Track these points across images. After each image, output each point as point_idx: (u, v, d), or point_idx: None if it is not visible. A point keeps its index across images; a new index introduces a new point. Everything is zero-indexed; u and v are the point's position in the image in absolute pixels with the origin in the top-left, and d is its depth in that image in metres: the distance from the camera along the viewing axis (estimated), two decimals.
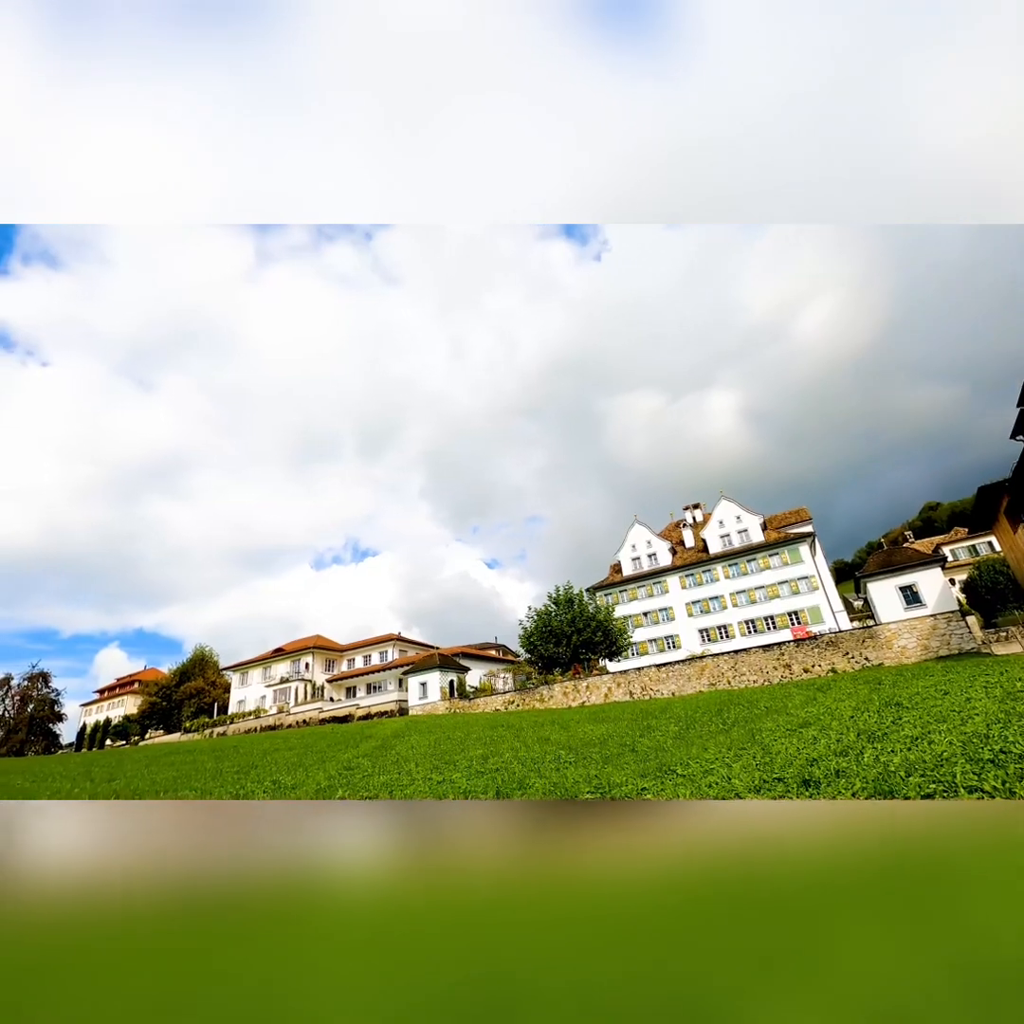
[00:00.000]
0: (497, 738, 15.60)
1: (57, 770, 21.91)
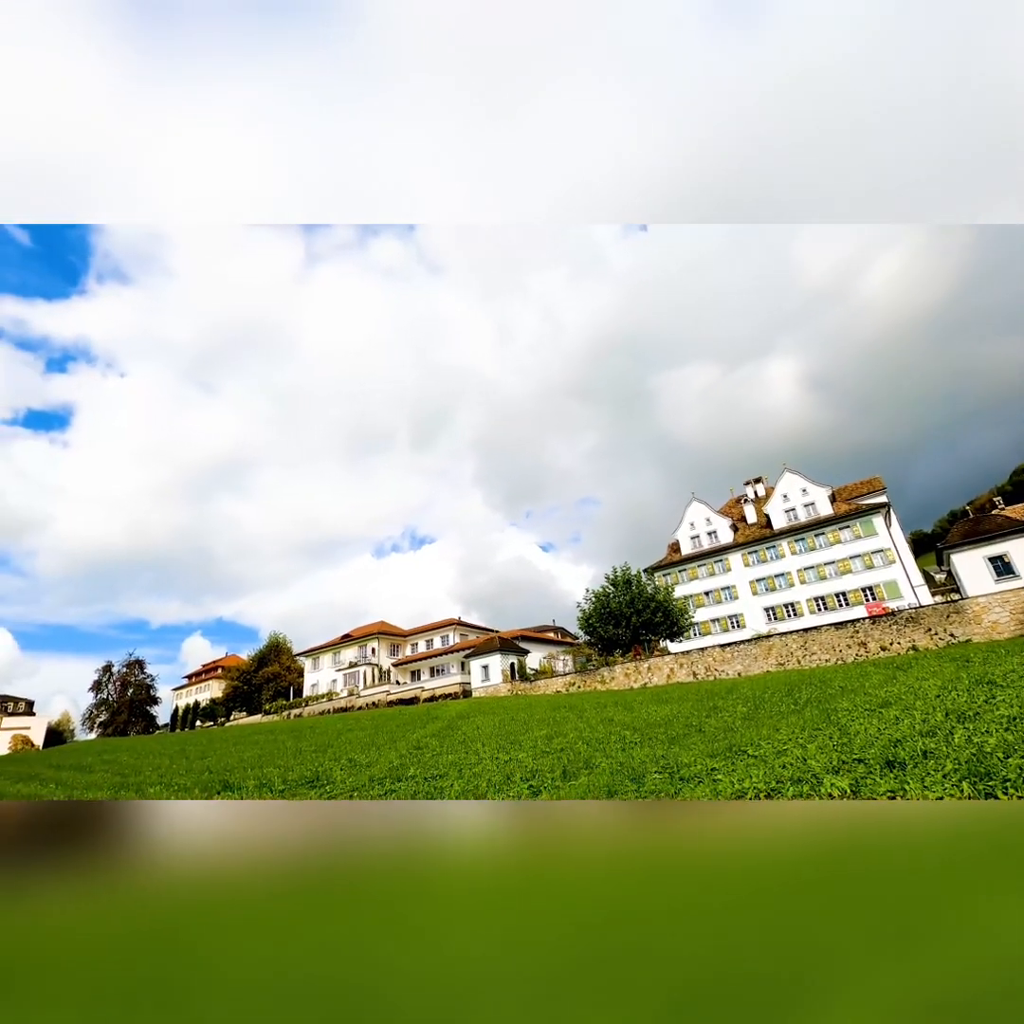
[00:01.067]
0: (560, 719, 15.73)
1: (156, 748, 23.88)
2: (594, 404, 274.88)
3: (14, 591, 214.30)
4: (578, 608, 37.34)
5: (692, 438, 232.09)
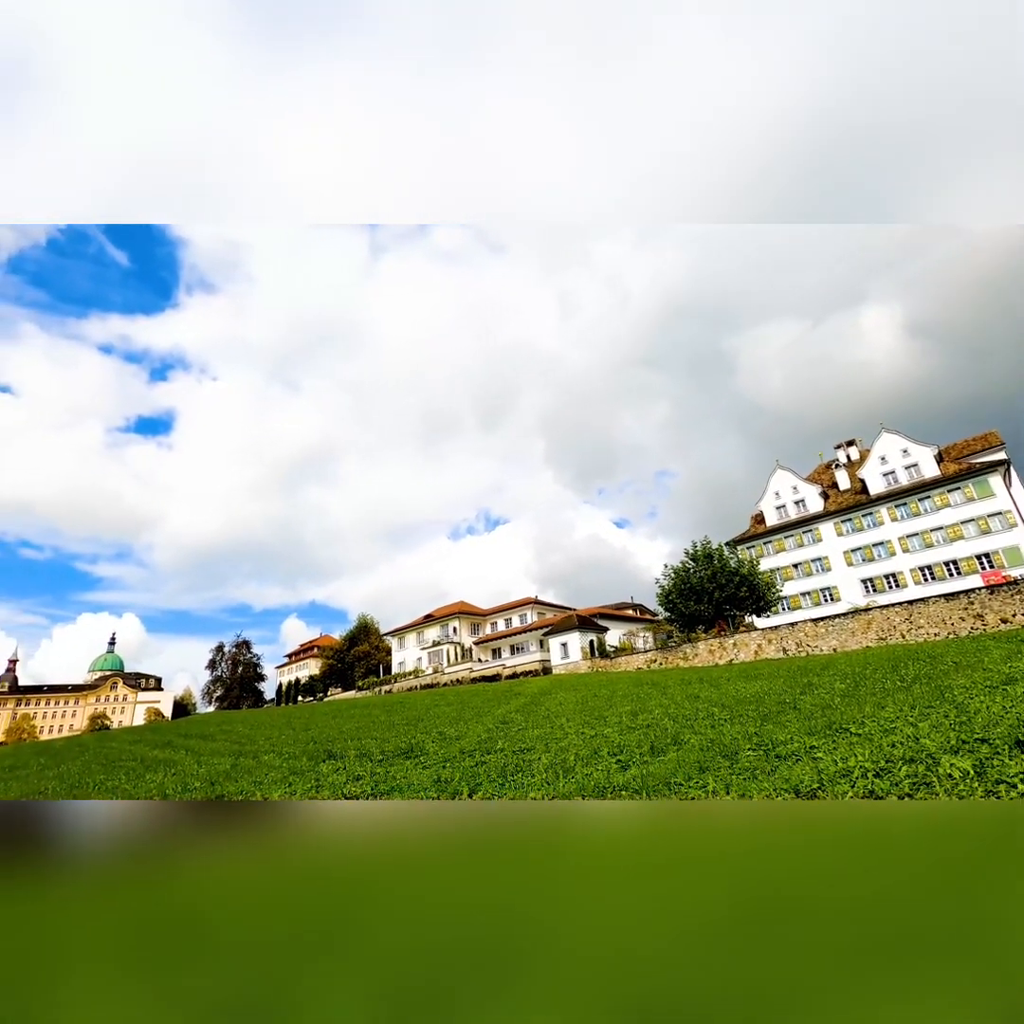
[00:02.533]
0: (644, 695, 15.59)
1: (266, 720, 26.10)
2: (665, 373, 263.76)
3: (138, 581, 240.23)
4: (657, 584, 36.58)
5: (774, 402, 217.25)
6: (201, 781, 10.12)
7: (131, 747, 21.12)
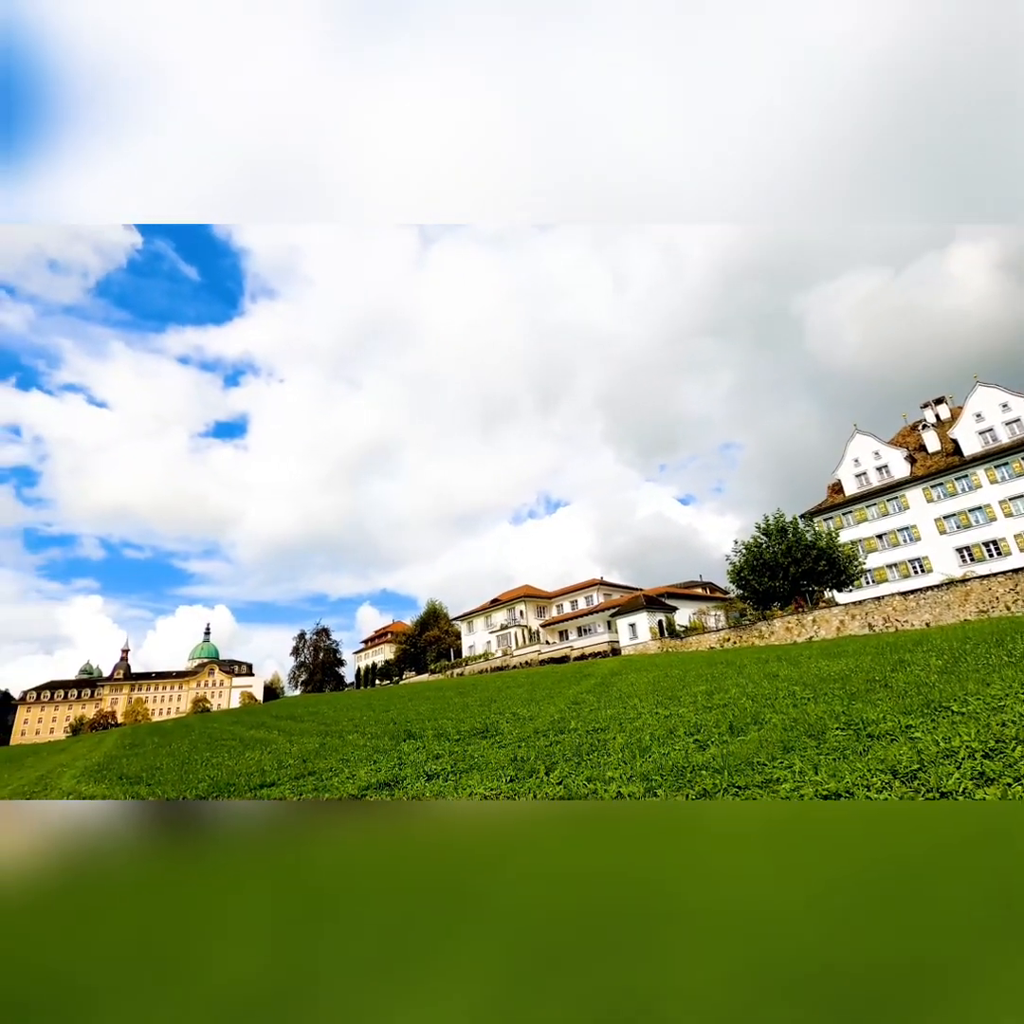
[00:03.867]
0: (719, 675, 15.19)
1: (348, 702, 27.51)
2: (728, 340, 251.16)
3: (226, 575, 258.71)
4: (727, 561, 35.38)
5: (850, 362, 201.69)
6: (294, 759, 10.83)
7: (230, 727, 22.90)
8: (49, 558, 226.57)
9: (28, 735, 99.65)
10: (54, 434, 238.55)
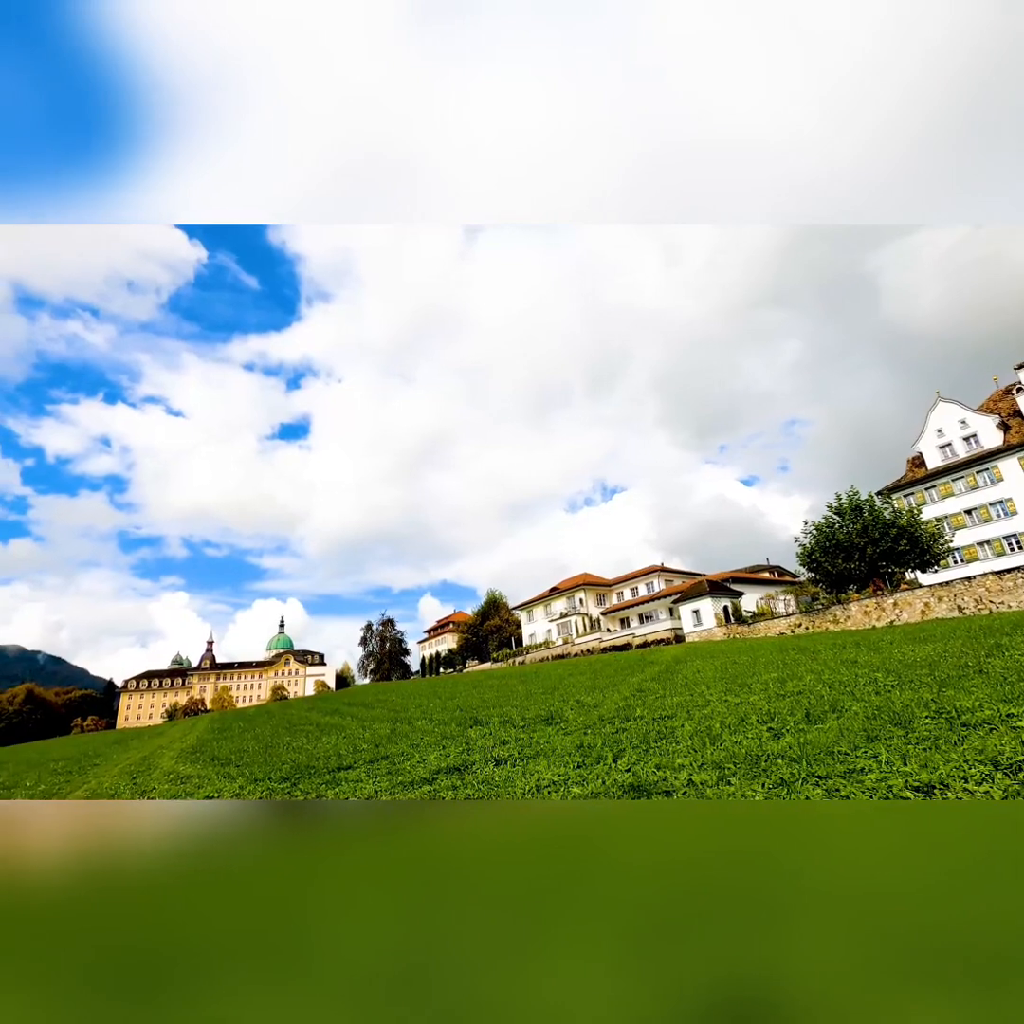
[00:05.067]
0: (791, 661, 14.58)
1: (415, 690, 28.38)
2: (792, 309, 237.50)
3: (296, 570, 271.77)
4: (796, 543, 33.77)
5: (930, 323, 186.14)
6: (367, 743, 11.30)
7: (307, 714, 24.15)
8: (140, 558, 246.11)
9: (131, 720, 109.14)
10: (139, 443, 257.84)
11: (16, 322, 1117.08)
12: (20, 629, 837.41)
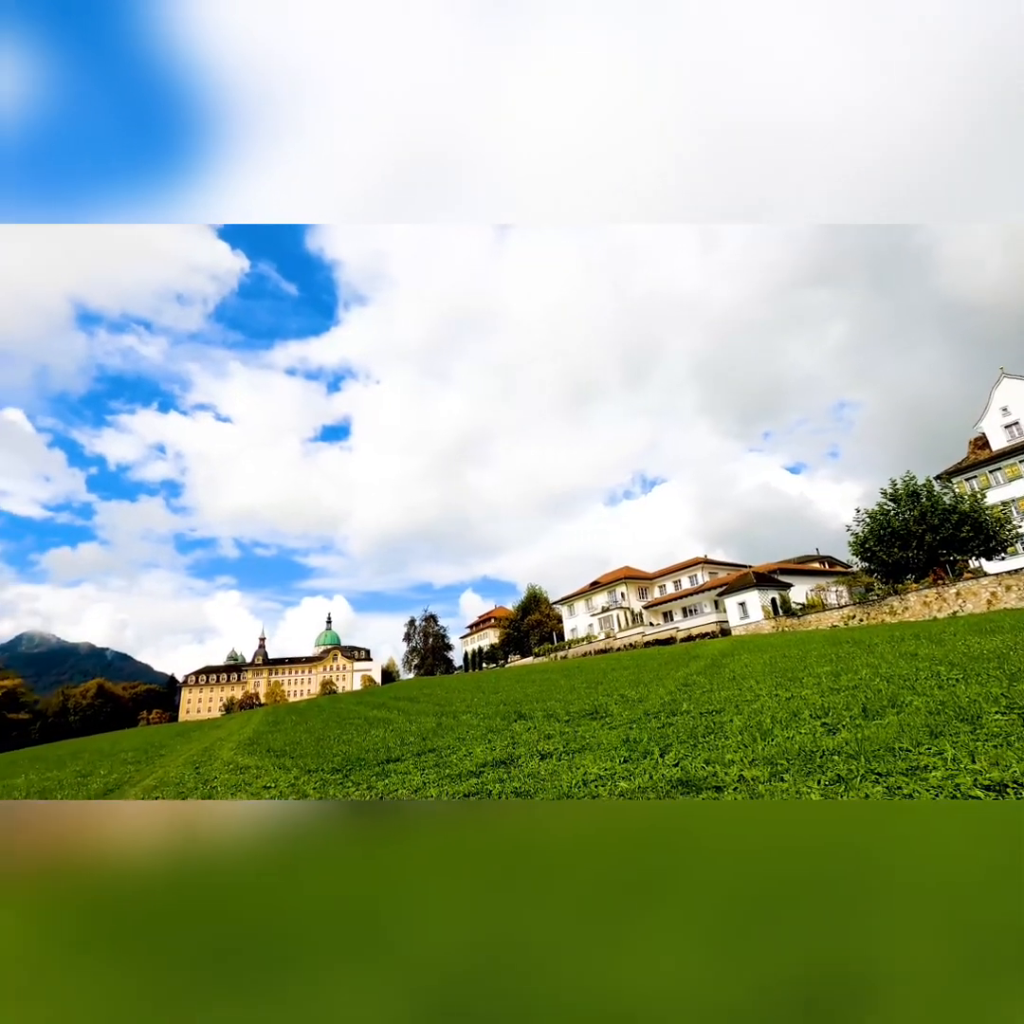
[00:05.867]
0: (845, 655, 14.04)
1: (458, 685, 28.76)
2: (839, 287, 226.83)
3: (341, 568, 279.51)
4: (848, 532, 32.45)
5: (992, 294, 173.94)
6: (414, 736, 11.53)
7: (355, 707, 24.82)
8: (195, 559, 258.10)
9: (191, 713, 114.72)
10: (190, 449, 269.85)
11: (77, 339, 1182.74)
12: (90, 628, 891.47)
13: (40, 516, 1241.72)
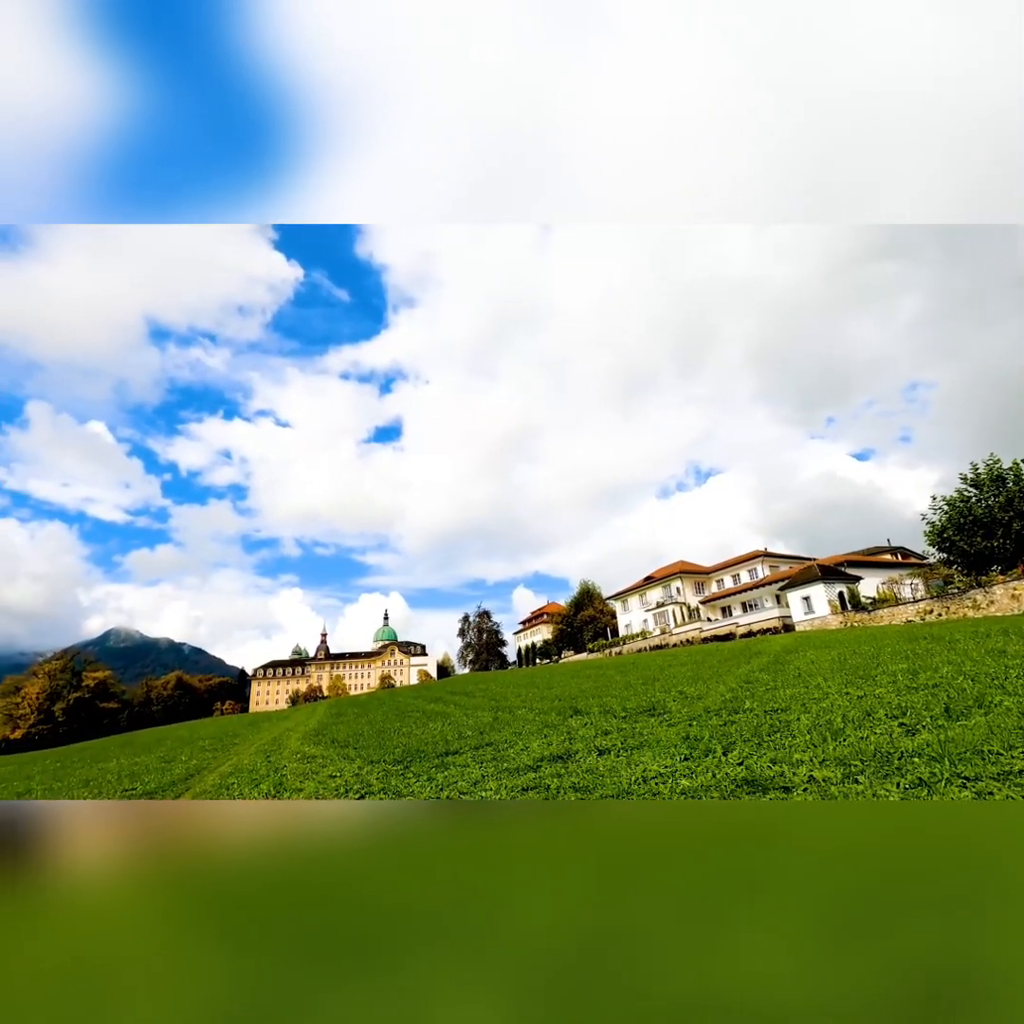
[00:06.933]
0: (922, 651, 13.19)
1: (513, 680, 28.93)
2: (910, 257, 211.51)
3: (396, 566, 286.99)
4: (924, 521, 30.43)
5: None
6: (471, 730, 11.69)
7: (413, 701, 25.43)
8: (260, 558, 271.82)
9: (260, 704, 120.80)
10: (253, 454, 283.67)
11: (151, 353, 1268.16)
12: (168, 624, 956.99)
13: (122, 520, 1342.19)
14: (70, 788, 13.05)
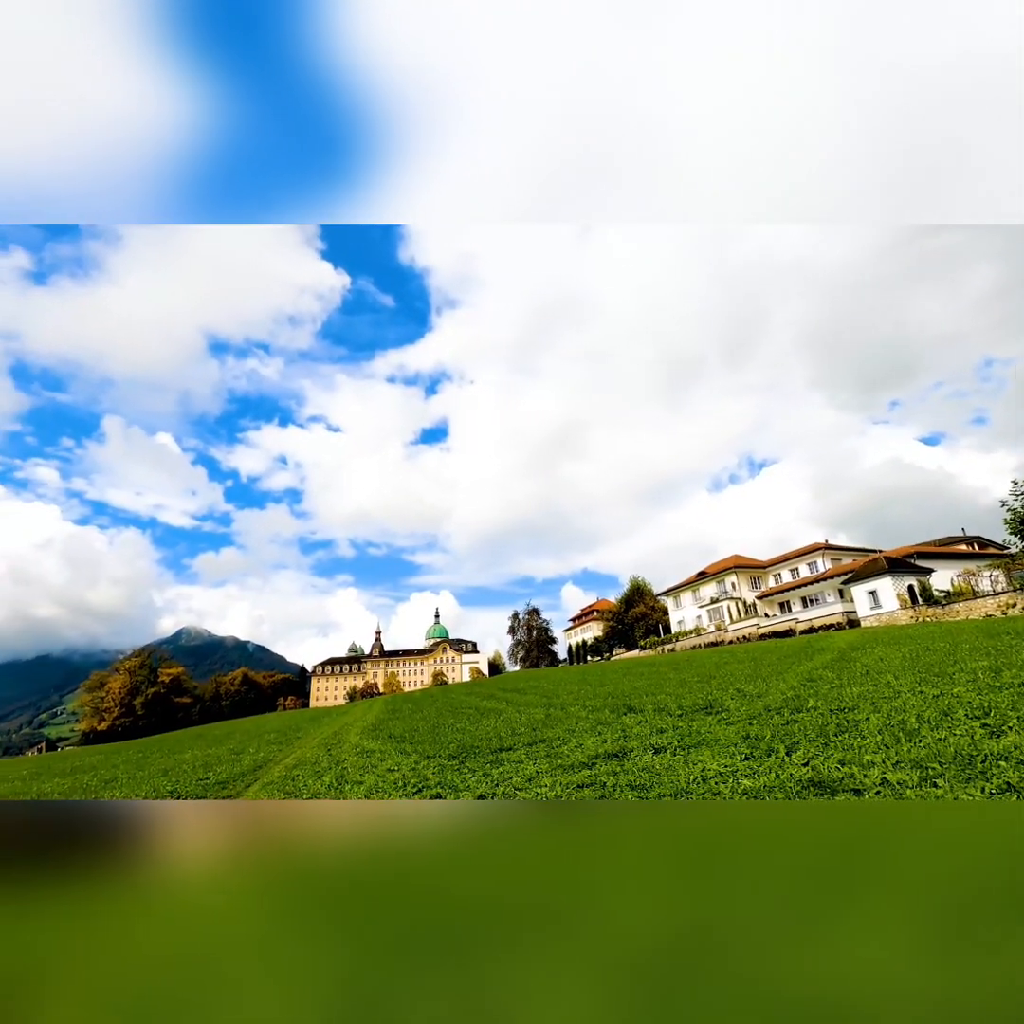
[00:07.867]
0: (1006, 647, 12.28)
1: (564, 678, 28.86)
2: (977, 224, 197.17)
3: (445, 565, 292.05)
4: (1004, 508, 28.31)
5: None
6: (524, 727, 11.74)
7: (466, 698, 25.76)
8: (317, 559, 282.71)
9: (320, 700, 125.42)
10: (307, 459, 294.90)
11: (211, 366, 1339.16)
12: (233, 623, 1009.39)
13: (189, 526, 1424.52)
14: (151, 777, 13.96)
